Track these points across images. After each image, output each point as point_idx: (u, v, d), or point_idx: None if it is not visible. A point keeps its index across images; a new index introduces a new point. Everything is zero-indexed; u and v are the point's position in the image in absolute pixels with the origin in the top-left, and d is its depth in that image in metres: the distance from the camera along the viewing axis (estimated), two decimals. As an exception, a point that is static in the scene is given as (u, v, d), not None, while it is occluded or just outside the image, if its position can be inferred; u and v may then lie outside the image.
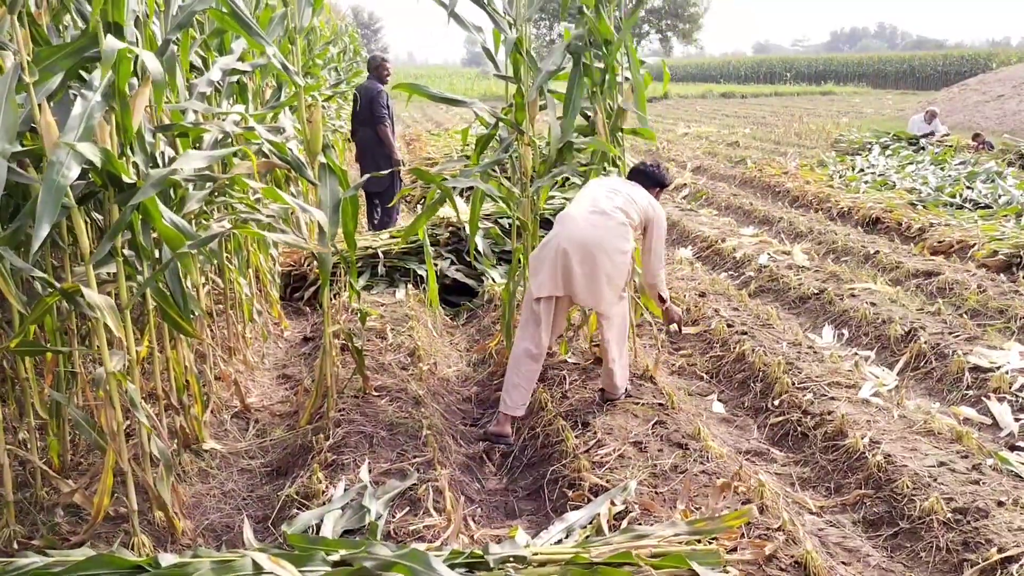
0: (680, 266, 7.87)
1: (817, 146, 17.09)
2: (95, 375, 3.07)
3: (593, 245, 4.21)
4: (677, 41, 49.12)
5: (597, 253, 4.21)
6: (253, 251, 5.55)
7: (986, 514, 3.38)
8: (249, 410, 4.72)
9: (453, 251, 7.14)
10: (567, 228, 4.29)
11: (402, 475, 3.64)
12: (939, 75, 47.63)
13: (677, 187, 12.68)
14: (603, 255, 4.22)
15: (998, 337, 5.46)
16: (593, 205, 4.36)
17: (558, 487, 3.81)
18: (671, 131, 21.96)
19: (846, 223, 9.57)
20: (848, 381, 4.87)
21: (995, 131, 17.72)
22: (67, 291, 2.90)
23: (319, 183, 4.01)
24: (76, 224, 2.96)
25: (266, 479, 4.07)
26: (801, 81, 54.15)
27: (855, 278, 6.99)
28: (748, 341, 5.49)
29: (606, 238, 4.25)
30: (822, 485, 4.00)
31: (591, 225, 4.27)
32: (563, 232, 4.28)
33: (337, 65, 13.07)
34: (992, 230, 8.13)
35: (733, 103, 37.66)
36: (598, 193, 4.45)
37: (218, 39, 4.56)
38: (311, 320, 6.53)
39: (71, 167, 2.68)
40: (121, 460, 3.10)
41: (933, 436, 4.17)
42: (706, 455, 3.90)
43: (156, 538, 3.30)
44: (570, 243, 4.21)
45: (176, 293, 3.46)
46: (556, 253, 4.23)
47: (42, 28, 3.16)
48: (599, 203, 4.36)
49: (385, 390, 4.63)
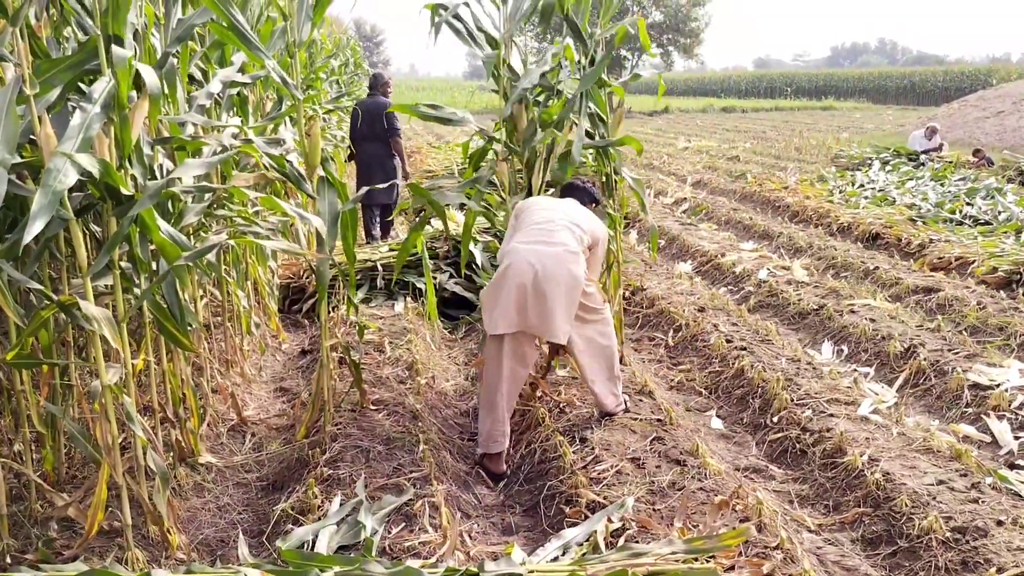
0: (679, 280, 7.86)
1: (817, 161, 17.12)
2: (91, 388, 3.06)
3: (544, 279, 4.02)
4: (678, 55, 49.27)
5: (548, 286, 4.03)
6: (251, 263, 5.55)
7: (985, 533, 3.36)
8: (246, 423, 4.70)
9: (452, 264, 7.14)
10: (516, 262, 4.09)
11: (398, 490, 3.63)
12: (939, 91, 47.82)
13: (677, 201, 12.70)
14: (555, 286, 4.05)
15: (998, 354, 5.45)
16: (539, 235, 4.16)
17: (555, 503, 3.80)
18: (671, 145, 22.01)
19: (846, 238, 9.57)
20: (847, 398, 4.85)
21: (995, 147, 17.74)
22: (64, 303, 2.89)
23: (318, 196, 4.01)
24: (74, 236, 2.96)
25: (262, 493, 4.05)
26: (802, 96, 54.33)
27: (854, 294, 6.99)
28: (747, 357, 5.48)
29: (557, 269, 4.07)
30: (821, 503, 3.98)
31: (540, 257, 4.06)
32: (513, 266, 4.08)
33: (339, 78, 13.10)
34: (992, 247, 8.13)
35: (734, 117, 37.75)
36: (540, 220, 4.24)
37: (218, 51, 4.57)
38: (309, 333, 6.52)
39: (68, 174, 2.68)
40: (116, 474, 3.09)
41: (932, 454, 4.15)
42: (704, 472, 3.88)
43: (150, 553, 3.28)
44: (521, 277, 4.03)
45: (173, 305, 3.46)
46: (508, 289, 4.06)
47: (42, 41, 3.16)
48: (545, 233, 4.16)
49: (382, 404, 4.61)
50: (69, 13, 3.28)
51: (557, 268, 4.06)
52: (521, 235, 4.23)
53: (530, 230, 4.22)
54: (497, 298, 4.10)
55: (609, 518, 3.41)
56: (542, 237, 4.15)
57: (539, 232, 4.18)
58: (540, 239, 4.15)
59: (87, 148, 2.81)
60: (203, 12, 3.68)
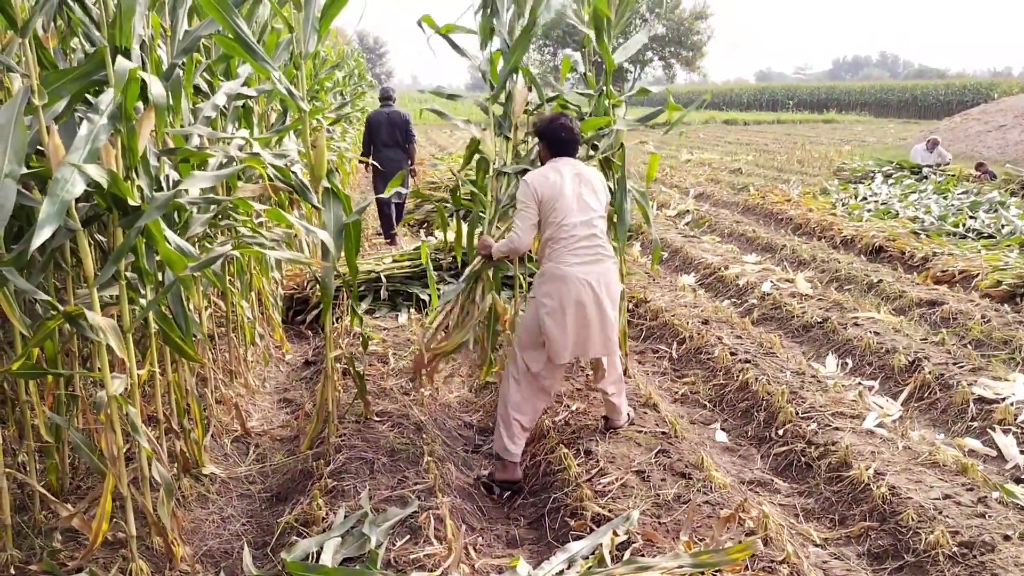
0: (682, 293, 7.86)
1: (819, 174, 17.14)
2: (96, 398, 3.05)
3: (605, 300, 4.06)
4: (680, 68, 49.41)
5: (608, 307, 4.08)
6: (255, 274, 5.55)
7: (992, 548, 3.34)
8: (250, 434, 4.70)
9: (456, 275, 7.13)
10: (575, 289, 4.02)
11: (403, 502, 3.61)
12: (941, 104, 47.86)
13: (680, 213, 12.70)
14: (612, 306, 4.12)
15: (1002, 368, 5.43)
16: (588, 252, 4.07)
17: (560, 516, 3.78)
18: (674, 157, 22.04)
19: (849, 251, 9.57)
20: (852, 411, 4.84)
21: (997, 161, 17.76)
22: (70, 314, 2.89)
23: (323, 207, 4.02)
24: (81, 246, 2.96)
25: (266, 505, 4.04)
26: (803, 109, 54.40)
27: (858, 307, 6.98)
28: (751, 369, 5.47)
29: (613, 287, 4.15)
30: (826, 516, 3.96)
31: (598, 278, 4.06)
32: (572, 294, 4.02)
33: (342, 89, 13.14)
34: (995, 260, 8.12)
35: (736, 130, 37.80)
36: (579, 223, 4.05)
37: (224, 64, 4.59)
38: (313, 344, 6.51)
39: (75, 184, 2.69)
40: (120, 484, 3.08)
41: (938, 468, 4.13)
42: (709, 485, 3.87)
43: (154, 564, 3.27)
44: (584, 307, 4.02)
45: (178, 316, 3.46)
46: (571, 316, 4.02)
47: (49, 52, 3.17)
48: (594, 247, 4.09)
49: (387, 415, 4.60)
50: (76, 24, 3.30)
51: (613, 286, 4.17)
52: (569, 254, 4.05)
53: (578, 248, 4.05)
54: (563, 327, 4.04)
55: (615, 531, 3.40)
56: (592, 254, 4.08)
57: (587, 249, 4.07)
58: (591, 256, 4.07)
59: (94, 159, 2.82)
60: (209, 24, 3.70)
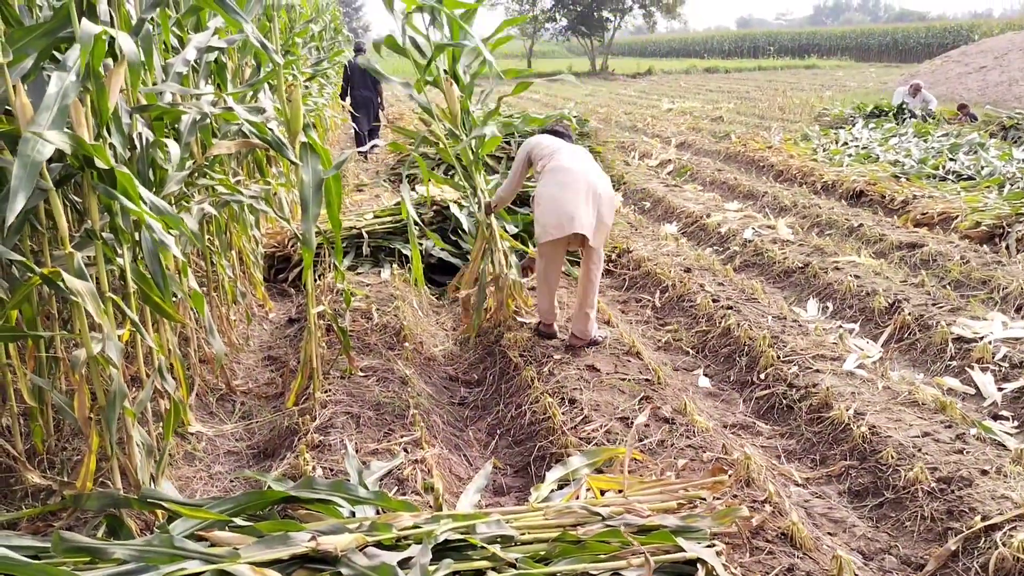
0: (665, 242, 7.86)
1: (801, 120, 17.10)
2: (72, 358, 3.03)
3: (601, 191, 4.76)
4: (660, 16, 48.78)
5: (604, 197, 4.78)
6: (235, 233, 5.51)
7: (969, 483, 3.41)
8: (234, 392, 4.70)
9: (438, 230, 7.11)
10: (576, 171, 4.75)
11: (390, 455, 3.64)
12: (922, 47, 47.72)
13: (662, 163, 12.66)
14: (608, 200, 4.83)
15: (981, 308, 5.49)
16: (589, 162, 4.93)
17: (545, 463, 3.82)
18: (655, 107, 21.92)
19: (830, 196, 9.59)
20: (833, 354, 4.89)
21: (977, 102, 17.73)
22: (47, 276, 2.86)
23: (301, 163, 3.97)
24: (54, 207, 2.92)
25: (253, 461, 4.06)
26: (784, 55, 54.12)
27: (839, 251, 7.01)
28: (733, 316, 5.51)
29: (609, 187, 4.87)
30: (807, 457, 4.02)
31: (598, 174, 4.84)
32: (582, 176, 4.72)
33: (318, 44, 12.93)
34: (975, 201, 8.17)
35: (717, 78, 37.58)
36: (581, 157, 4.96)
37: (194, 17, 4.49)
38: (296, 302, 6.49)
39: (46, 145, 2.64)
40: (105, 444, 3.08)
41: (917, 407, 4.20)
42: (692, 429, 3.92)
43: (144, 522, 3.28)
44: (585, 184, 4.69)
45: (157, 276, 3.43)
46: (585, 195, 4.67)
47: (13, 8, 3.09)
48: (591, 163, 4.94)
49: (371, 370, 4.62)
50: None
51: (608, 187, 4.88)
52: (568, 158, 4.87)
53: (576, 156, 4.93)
54: (562, 204, 4.68)
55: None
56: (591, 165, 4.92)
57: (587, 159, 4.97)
58: (591, 166, 4.89)
59: (64, 117, 2.76)
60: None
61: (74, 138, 2.79)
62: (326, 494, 3.00)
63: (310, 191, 3.91)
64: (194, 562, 2.48)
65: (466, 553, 2.72)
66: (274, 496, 2.97)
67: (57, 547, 2.52)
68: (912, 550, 3.25)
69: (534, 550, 2.76)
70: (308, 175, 3.95)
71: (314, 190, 3.93)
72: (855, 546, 3.29)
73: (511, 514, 3.01)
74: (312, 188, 3.92)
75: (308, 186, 3.91)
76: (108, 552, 2.49)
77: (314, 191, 3.93)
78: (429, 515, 2.91)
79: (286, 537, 2.62)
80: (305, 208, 3.92)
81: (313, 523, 2.84)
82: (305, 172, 3.95)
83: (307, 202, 3.89)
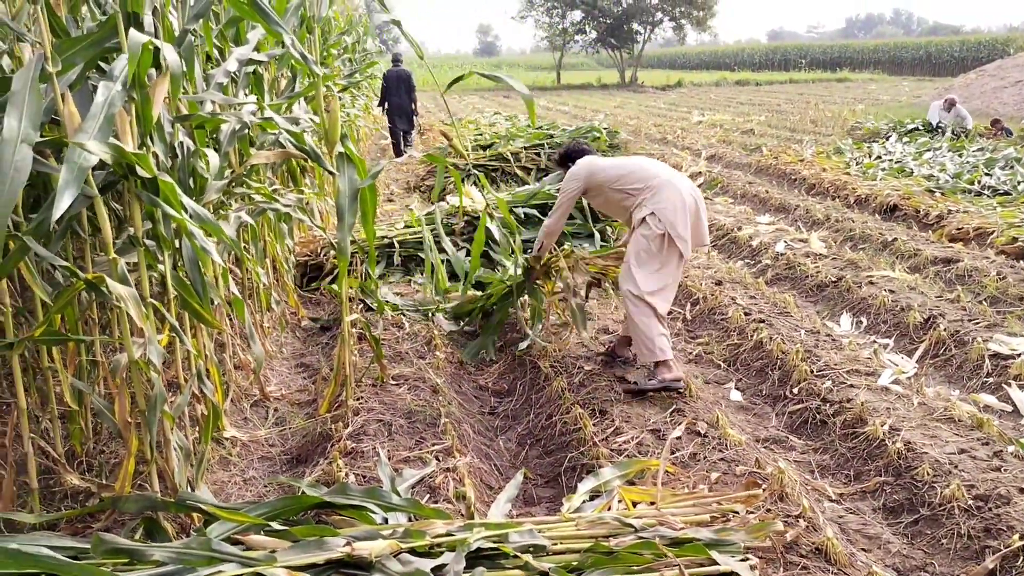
0: (696, 254, 7.84)
1: (833, 133, 16.98)
2: (113, 362, 3.08)
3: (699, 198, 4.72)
4: (691, 28, 48.71)
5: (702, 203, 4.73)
6: (270, 241, 5.58)
7: (1007, 501, 3.36)
8: (268, 399, 4.75)
9: (468, 240, 7.14)
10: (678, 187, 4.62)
11: (421, 463, 3.66)
12: (955, 61, 47.20)
13: (692, 175, 12.63)
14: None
15: (1018, 324, 5.42)
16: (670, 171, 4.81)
17: (576, 474, 3.82)
18: (685, 119, 21.87)
19: (863, 210, 9.52)
20: (867, 369, 4.85)
21: (1013, 117, 17.54)
22: (91, 281, 2.91)
23: (337, 172, 4.02)
24: (99, 213, 2.98)
25: (286, 467, 4.10)
26: (816, 68, 53.78)
27: (873, 266, 6.96)
28: (765, 329, 5.48)
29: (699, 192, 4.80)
30: (842, 472, 3.99)
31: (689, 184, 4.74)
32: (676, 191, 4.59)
33: (351, 56, 13.06)
34: (1011, 217, 8.07)
35: (747, 91, 37.43)
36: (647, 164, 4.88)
37: (234, 29, 4.57)
38: (328, 310, 6.55)
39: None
40: (144, 448, 3.13)
41: (953, 423, 4.15)
42: (725, 443, 3.90)
43: (180, 525, 3.32)
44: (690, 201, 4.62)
45: (196, 282, 3.48)
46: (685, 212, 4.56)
47: (60, 19, 3.17)
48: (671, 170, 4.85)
49: (403, 378, 4.65)
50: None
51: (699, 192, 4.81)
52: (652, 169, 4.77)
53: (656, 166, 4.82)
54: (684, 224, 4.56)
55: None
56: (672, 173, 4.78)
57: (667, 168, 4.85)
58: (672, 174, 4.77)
59: (110, 126, 2.82)
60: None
61: (117, 149, 2.84)
62: (360, 500, 3.03)
63: (346, 200, 3.95)
64: (231, 565, 2.51)
65: (499, 562, 2.73)
66: (309, 501, 3.01)
67: (96, 548, 2.57)
68: (948, 568, 3.21)
69: (566, 560, 2.76)
70: (345, 184, 4.00)
71: (350, 199, 3.97)
72: (890, 563, 3.25)
73: (543, 524, 3.01)
74: (348, 197, 3.97)
75: (344, 195, 3.96)
76: (147, 554, 2.53)
77: (350, 200, 3.97)
78: (462, 523, 2.92)
79: (321, 542, 2.65)
80: (341, 217, 3.96)
81: (347, 529, 2.86)
82: (342, 181, 4.00)
83: (343, 211, 3.93)
